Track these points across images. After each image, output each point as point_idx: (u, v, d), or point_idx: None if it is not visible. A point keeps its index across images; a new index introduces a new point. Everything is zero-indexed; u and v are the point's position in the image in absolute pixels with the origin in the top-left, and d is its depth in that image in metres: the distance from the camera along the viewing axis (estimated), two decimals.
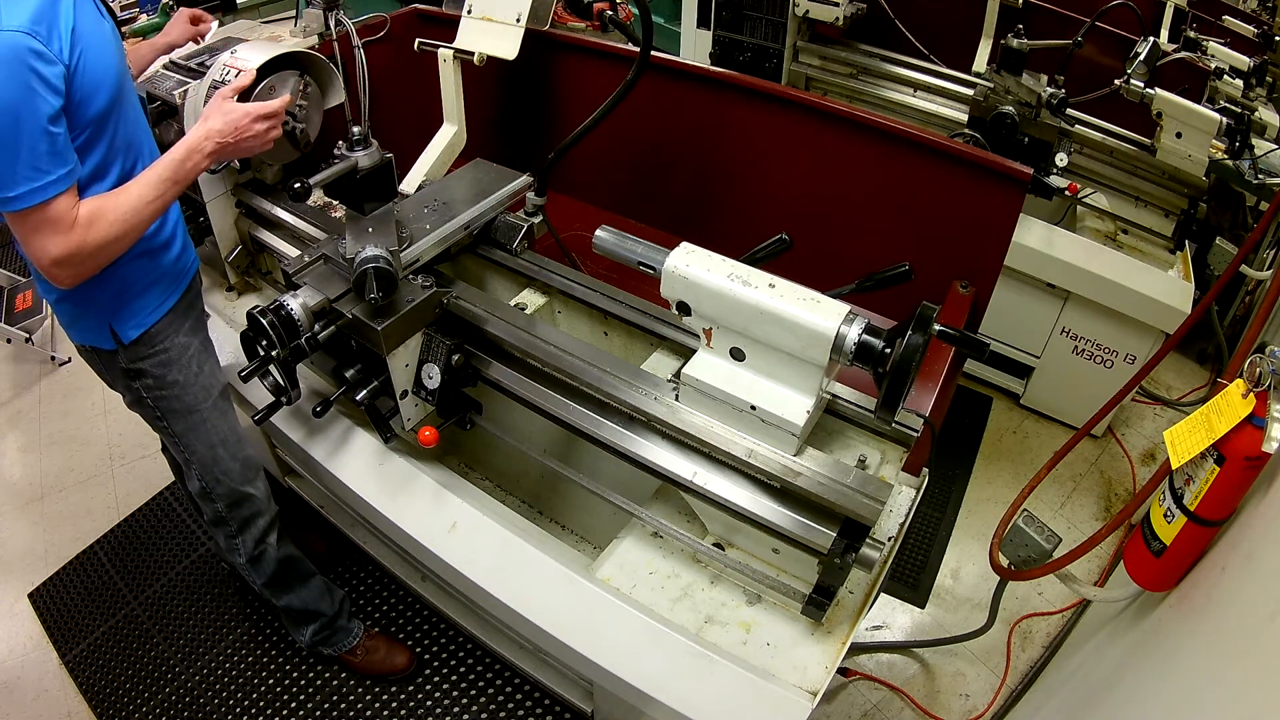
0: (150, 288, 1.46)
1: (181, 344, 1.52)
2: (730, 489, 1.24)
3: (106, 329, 1.43)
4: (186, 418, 1.55)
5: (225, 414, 1.62)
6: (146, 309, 1.46)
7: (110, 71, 1.25)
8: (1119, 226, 2.78)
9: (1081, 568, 2.33)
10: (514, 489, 2.04)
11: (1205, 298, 1.72)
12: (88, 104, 1.21)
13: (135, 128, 1.38)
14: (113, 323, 1.43)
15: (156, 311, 1.47)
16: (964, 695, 2.07)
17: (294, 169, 1.82)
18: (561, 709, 1.93)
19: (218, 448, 1.60)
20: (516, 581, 1.40)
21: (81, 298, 1.40)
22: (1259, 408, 1.04)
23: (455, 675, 2.02)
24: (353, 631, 1.97)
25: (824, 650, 1.25)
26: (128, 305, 1.43)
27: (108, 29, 1.30)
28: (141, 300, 1.45)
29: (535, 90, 2.26)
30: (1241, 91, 2.73)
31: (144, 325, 1.46)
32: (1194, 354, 3.22)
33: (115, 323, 1.43)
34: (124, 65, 1.34)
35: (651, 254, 1.24)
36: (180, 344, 1.52)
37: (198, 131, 1.33)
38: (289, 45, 1.75)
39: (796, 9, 3.10)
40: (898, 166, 1.77)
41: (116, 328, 1.43)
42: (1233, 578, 1.08)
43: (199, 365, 1.56)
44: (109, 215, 1.23)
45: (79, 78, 1.18)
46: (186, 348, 1.54)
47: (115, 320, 1.43)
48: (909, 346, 1.05)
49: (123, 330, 1.44)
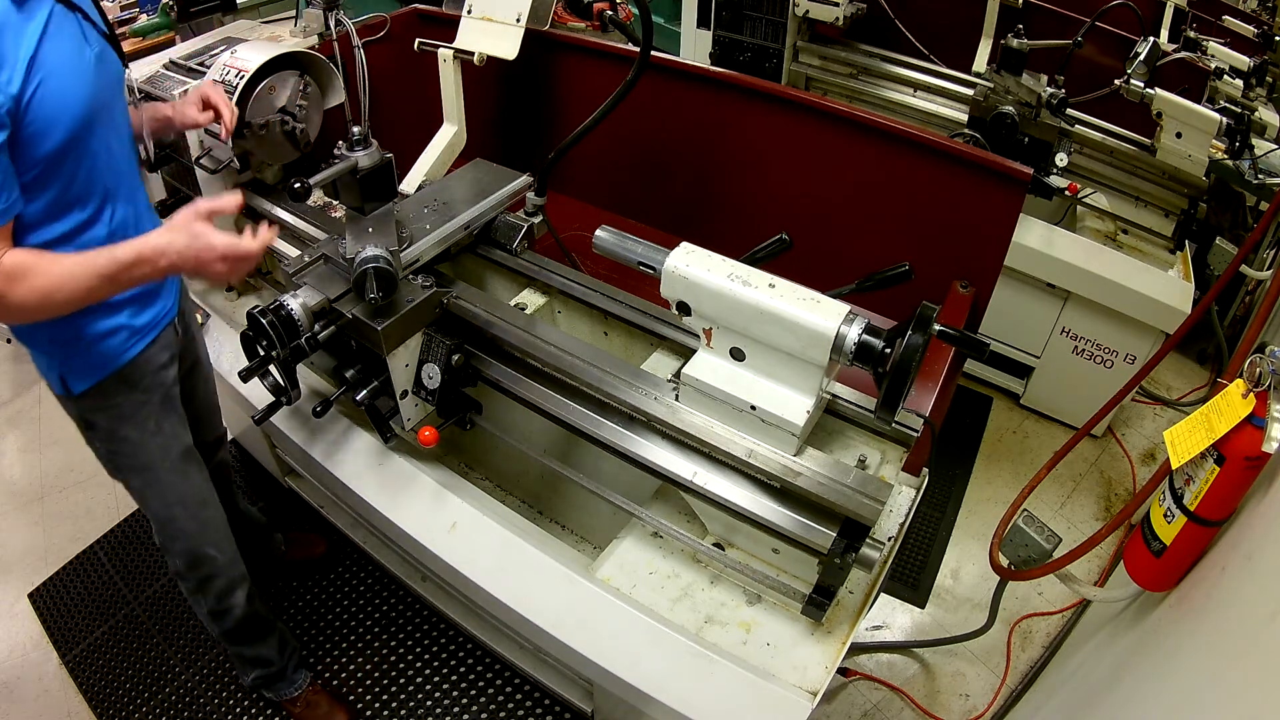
0: (104, 340, 1.30)
1: (138, 400, 1.38)
2: (730, 489, 1.24)
3: (55, 375, 1.31)
4: (142, 474, 1.46)
5: (186, 475, 1.50)
6: (99, 363, 1.31)
7: (75, 105, 1.11)
8: (1119, 226, 2.78)
9: (1081, 568, 2.33)
10: (514, 489, 2.04)
11: (1205, 298, 1.72)
12: (40, 139, 1.08)
13: (108, 171, 1.23)
14: (61, 371, 1.30)
15: (110, 365, 1.32)
16: (964, 695, 2.07)
17: (294, 169, 1.82)
18: (561, 709, 1.93)
19: (175, 507, 1.50)
20: (516, 581, 1.40)
21: (26, 336, 1.29)
22: (1259, 408, 1.04)
23: (455, 675, 2.02)
24: (296, 683, 1.89)
25: (824, 650, 1.25)
26: (77, 356, 1.30)
27: (90, 57, 1.17)
28: (96, 352, 1.30)
29: (535, 90, 2.26)
30: (1241, 91, 2.73)
31: (94, 378, 1.32)
32: (1194, 354, 3.22)
33: (64, 372, 1.30)
34: (105, 99, 1.19)
35: (651, 254, 1.24)
36: (136, 400, 1.38)
37: (158, 240, 1.17)
38: (289, 45, 1.76)
39: (796, 9, 3.10)
40: (898, 166, 1.77)
41: (65, 377, 1.31)
42: (1233, 578, 1.08)
43: (156, 424, 1.42)
44: (34, 280, 1.08)
45: (32, 110, 1.05)
46: (143, 404, 1.39)
47: (64, 369, 1.30)
48: (909, 346, 1.05)
49: (71, 382, 1.31)
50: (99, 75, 1.18)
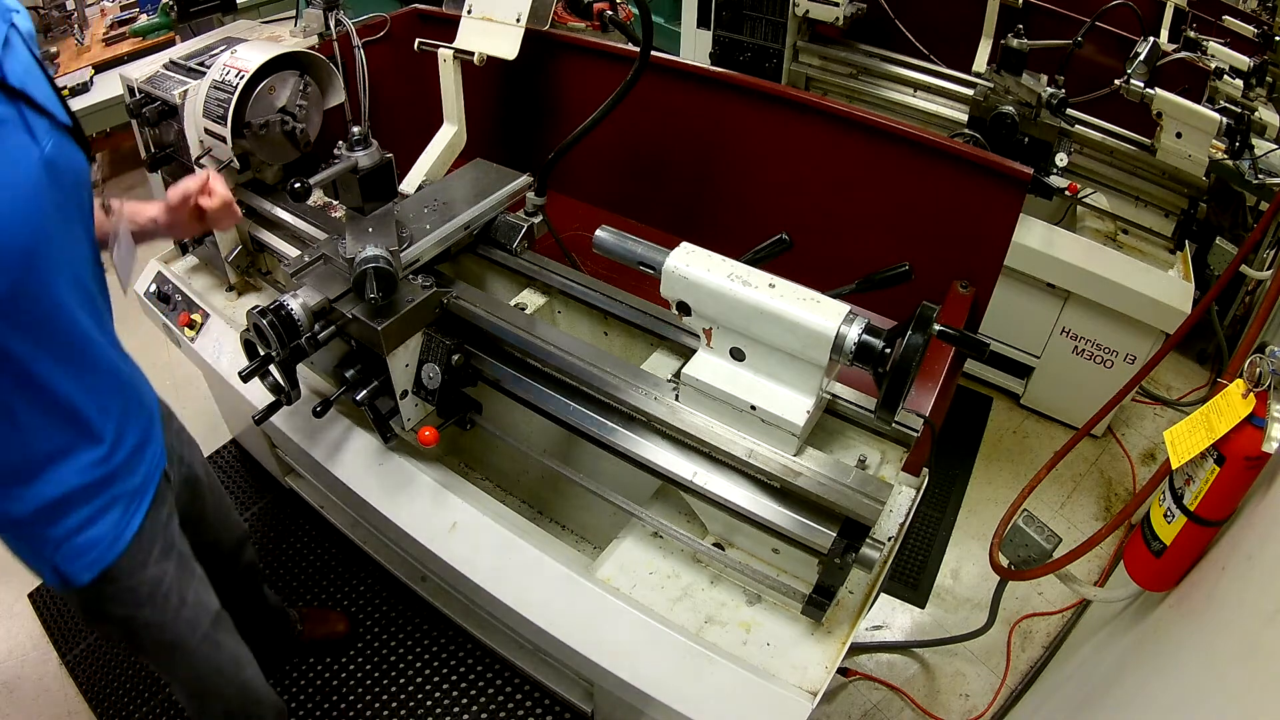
0: (102, 515, 1.09)
1: (153, 577, 1.19)
2: (730, 489, 1.24)
3: (49, 569, 1.09)
4: (170, 653, 1.28)
5: (219, 645, 1.33)
6: (101, 544, 1.10)
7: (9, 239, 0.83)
8: (1119, 226, 2.78)
9: (1081, 568, 2.33)
10: (514, 489, 2.04)
11: (1205, 298, 1.72)
12: None
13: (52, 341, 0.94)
14: (56, 563, 1.08)
15: (115, 545, 1.12)
16: (964, 695, 2.07)
17: (294, 169, 1.82)
18: (561, 709, 1.93)
19: (210, 678, 1.35)
20: (516, 581, 1.40)
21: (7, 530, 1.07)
22: (1259, 408, 1.04)
23: (455, 675, 2.02)
24: None
25: (824, 650, 1.25)
26: (71, 541, 1.07)
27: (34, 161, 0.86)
28: (92, 532, 1.09)
29: (535, 90, 2.26)
30: (1241, 91, 2.73)
31: (100, 564, 1.11)
32: (1194, 354, 3.22)
33: (59, 563, 1.08)
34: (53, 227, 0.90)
35: (651, 254, 1.24)
36: (151, 578, 1.18)
37: None
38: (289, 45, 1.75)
39: (796, 9, 3.10)
40: (898, 166, 1.77)
41: (63, 569, 1.08)
42: (1233, 578, 1.08)
43: (179, 598, 1.24)
44: None
45: None
46: (159, 581, 1.20)
47: (59, 560, 1.08)
48: (909, 346, 1.05)
49: (71, 572, 1.09)
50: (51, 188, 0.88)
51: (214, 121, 1.65)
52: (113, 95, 3.42)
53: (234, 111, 1.62)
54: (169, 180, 1.94)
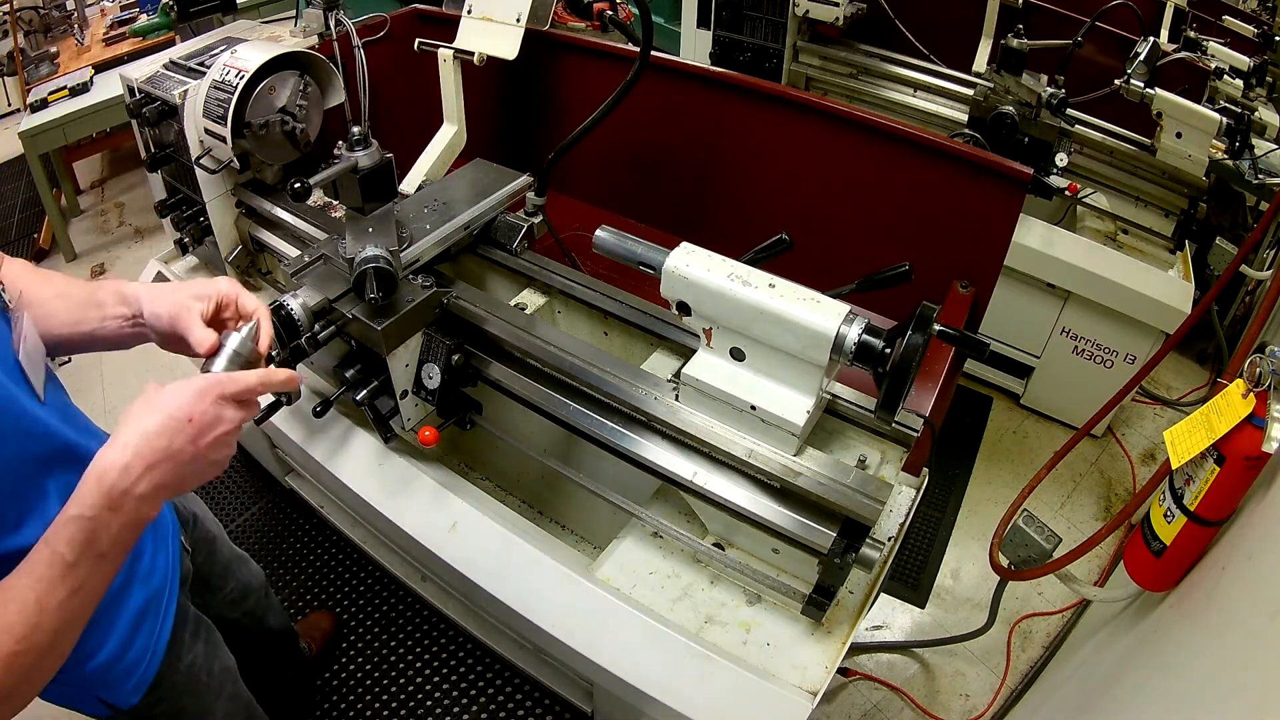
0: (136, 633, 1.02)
1: (188, 666, 1.15)
2: (730, 489, 1.24)
3: (93, 701, 1.02)
4: None
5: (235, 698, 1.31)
6: (142, 661, 1.04)
7: None
8: (1119, 226, 2.78)
9: (1081, 568, 2.33)
10: (514, 489, 2.04)
11: (1205, 298, 1.72)
12: None
13: None
14: (98, 694, 1.01)
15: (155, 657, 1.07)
16: (964, 695, 2.07)
17: (294, 169, 1.82)
18: (561, 709, 1.93)
19: None
20: (516, 581, 1.40)
21: None
22: (1259, 408, 1.04)
23: (455, 675, 2.02)
24: None
25: (824, 650, 1.25)
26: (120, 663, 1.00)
27: None
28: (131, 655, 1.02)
29: (535, 90, 2.26)
30: (1241, 91, 2.73)
31: (148, 678, 1.05)
32: (1194, 354, 3.22)
33: (101, 694, 1.01)
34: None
35: (651, 254, 1.24)
36: (187, 667, 1.15)
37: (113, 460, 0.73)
38: (289, 45, 1.76)
39: (796, 9, 3.10)
40: (898, 166, 1.77)
41: (109, 699, 1.02)
42: (1233, 578, 1.08)
43: (207, 672, 1.21)
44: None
45: None
46: (194, 667, 1.17)
47: (100, 690, 1.01)
48: (909, 346, 1.05)
49: (118, 698, 1.03)
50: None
51: (214, 121, 1.65)
52: (113, 95, 3.42)
53: (234, 111, 1.62)
54: (169, 180, 1.94)
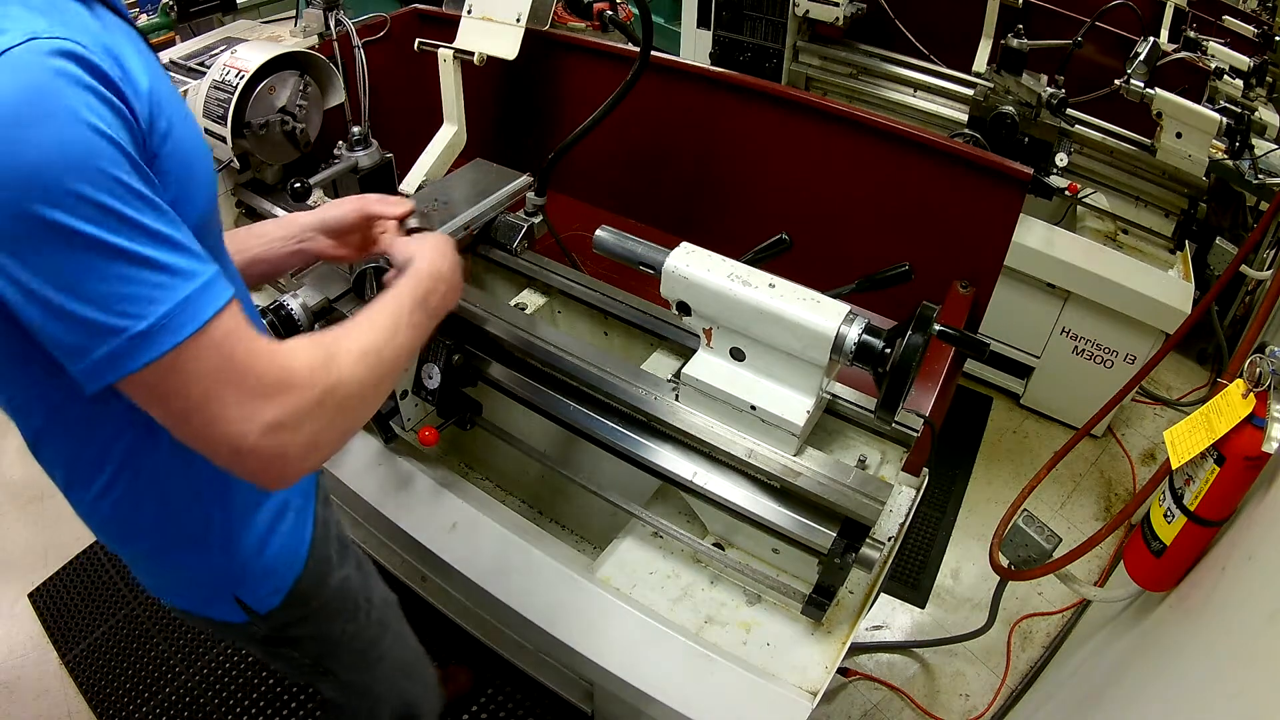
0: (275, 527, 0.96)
1: (338, 583, 1.05)
2: (730, 489, 1.24)
3: (229, 600, 0.95)
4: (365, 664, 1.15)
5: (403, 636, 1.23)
6: (281, 562, 0.97)
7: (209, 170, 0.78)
8: (1119, 226, 2.78)
9: (1081, 568, 2.33)
10: (514, 489, 2.04)
11: (1205, 298, 1.72)
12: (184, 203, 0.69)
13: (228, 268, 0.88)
14: (234, 591, 0.95)
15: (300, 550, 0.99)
16: (964, 695, 2.07)
17: (294, 169, 1.82)
18: (561, 709, 1.93)
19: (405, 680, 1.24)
20: (516, 581, 1.40)
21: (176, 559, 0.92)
22: (1259, 408, 1.04)
23: None
24: None
25: (824, 650, 1.25)
26: (259, 559, 0.94)
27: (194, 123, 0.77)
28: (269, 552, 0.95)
29: (535, 90, 2.25)
30: (1241, 91, 2.73)
31: (287, 582, 0.98)
32: (1194, 354, 3.22)
33: (238, 591, 0.95)
34: None
35: (651, 254, 1.24)
36: (336, 585, 1.05)
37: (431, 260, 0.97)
38: (289, 45, 1.76)
39: (796, 9, 3.10)
40: (898, 166, 1.77)
41: (246, 597, 0.96)
42: (1233, 578, 1.08)
43: (366, 595, 1.12)
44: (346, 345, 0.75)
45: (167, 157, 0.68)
46: (345, 584, 1.07)
47: (237, 588, 0.95)
48: (909, 346, 1.05)
49: (256, 599, 0.96)
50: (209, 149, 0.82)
51: (214, 121, 1.65)
52: None
53: (234, 111, 1.62)
54: None
